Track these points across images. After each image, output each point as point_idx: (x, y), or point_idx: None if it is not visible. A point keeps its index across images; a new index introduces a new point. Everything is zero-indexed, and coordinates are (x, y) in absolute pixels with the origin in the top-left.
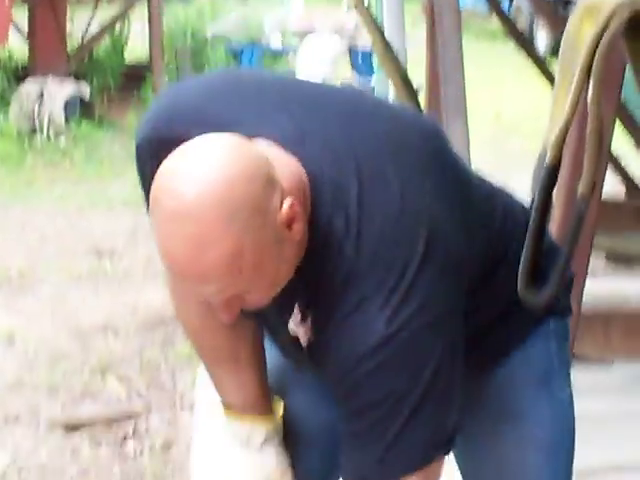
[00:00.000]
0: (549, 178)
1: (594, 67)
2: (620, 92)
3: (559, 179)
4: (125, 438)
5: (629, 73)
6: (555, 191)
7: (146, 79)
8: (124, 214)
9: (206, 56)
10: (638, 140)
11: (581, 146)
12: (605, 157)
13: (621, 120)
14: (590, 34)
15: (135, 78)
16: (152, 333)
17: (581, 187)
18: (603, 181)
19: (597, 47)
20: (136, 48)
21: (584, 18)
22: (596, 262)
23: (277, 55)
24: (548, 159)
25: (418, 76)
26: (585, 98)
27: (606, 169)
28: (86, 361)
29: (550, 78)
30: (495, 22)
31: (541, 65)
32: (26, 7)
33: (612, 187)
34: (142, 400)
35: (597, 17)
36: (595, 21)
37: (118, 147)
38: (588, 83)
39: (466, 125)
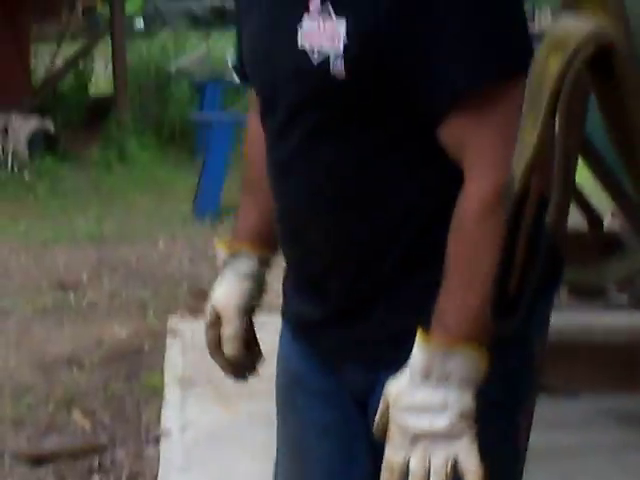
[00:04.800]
0: (516, 207)
1: (560, 103)
2: (584, 125)
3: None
4: (91, 471)
5: (591, 104)
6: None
7: (110, 114)
8: (88, 248)
9: (170, 91)
10: (599, 172)
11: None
12: (571, 189)
13: (582, 152)
14: (556, 70)
15: (99, 113)
16: (117, 366)
17: (548, 218)
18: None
19: (563, 82)
20: (100, 83)
21: (550, 52)
22: (560, 294)
23: (240, 90)
24: (515, 188)
25: None
26: (551, 132)
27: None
28: (51, 394)
29: None
30: None
31: None
32: None
33: (573, 219)
34: (107, 433)
35: (563, 52)
36: (561, 56)
37: (82, 181)
38: (554, 118)
39: None
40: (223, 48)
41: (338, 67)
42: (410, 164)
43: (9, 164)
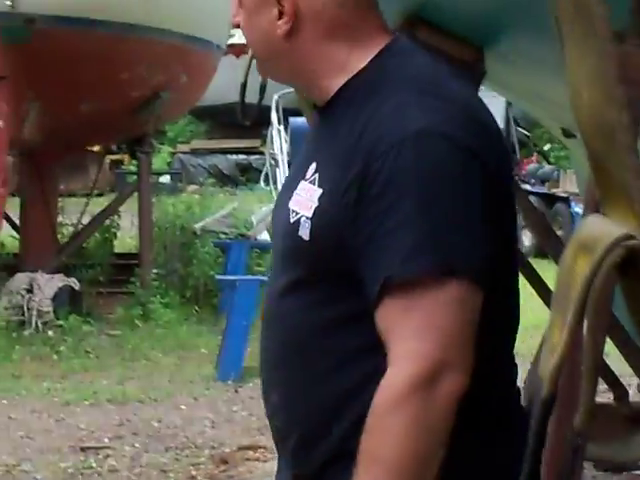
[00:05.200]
0: (545, 411)
1: (588, 305)
2: (610, 320)
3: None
4: None
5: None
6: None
7: (134, 273)
8: (110, 410)
9: (194, 250)
10: (620, 342)
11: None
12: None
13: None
14: (584, 272)
15: (124, 271)
16: None
17: (577, 421)
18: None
19: (591, 285)
20: (125, 240)
21: (578, 254)
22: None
23: (265, 249)
24: (544, 392)
25: None
26: (580, 332)
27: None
28: None
29: (533, 279)
30: None
31: (524, 267)
32: (18, 199)
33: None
34: None
35: (591, 255)
36: (589, 259)
37: (105, 340)
38: (582, 320)
39: None
40: (249, 206)
41: (304, 229)
42: (366, 339)
43: (33, 322)
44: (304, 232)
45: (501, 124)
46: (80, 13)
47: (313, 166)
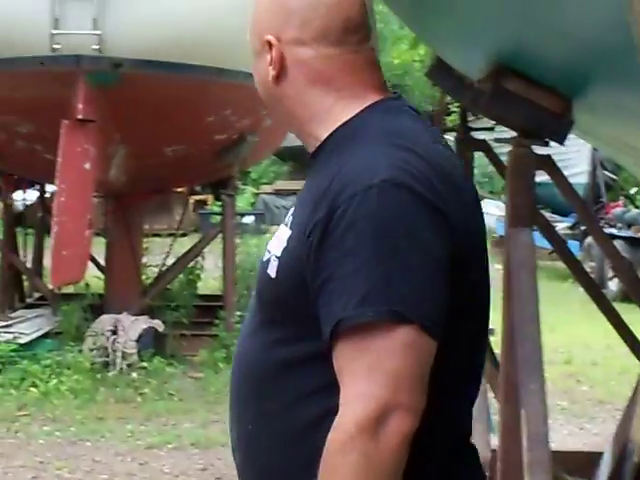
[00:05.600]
0: (638, 475)
1: None
2: None
3: None
4: None
5: None
6: None
7: (218, 315)
8: (193, 454)
9: None
10: None
11: None
12: None
13: None
14: None
15: (207, 313)
16: None
17: None
18: None
19: None
20: (208, 281)
21: None
22: None
23: None
24: (637, 457)
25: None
26: None
27: None
28: None
29: (619, 325)
30: None
31: (610, 313)
32: (102, 239)
33: None
34: None
35: None
36: None
37: (189, 383)
38: None
39: (542, 383)
40: None
41: (272, 268)
42: (322, 378)
43: (118, 364)
44: (272, 270)
45: (587, 167)
46: (167, 57)
47: (291, 210)
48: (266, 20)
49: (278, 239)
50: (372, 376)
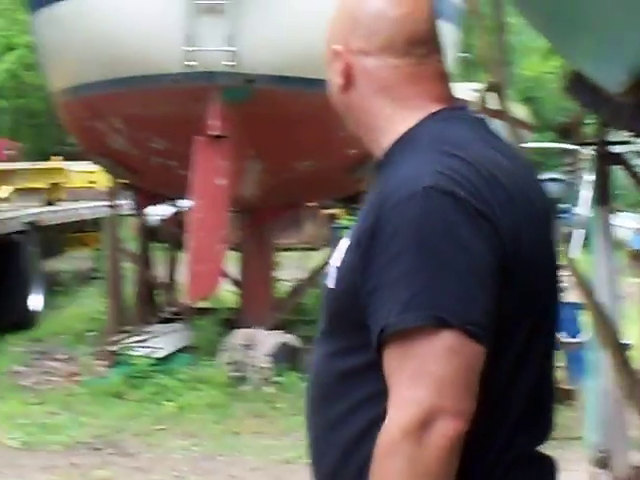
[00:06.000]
0: None
1: None
2: None
3: None
4: None
5: None
6: None
7: None
8: None
9: None
10: None
11: None
12: None
13: None
14: None
15: None
16: None
17: None
18: None
19: None
20: None
21: None
22: None
23: None
24: None
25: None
26: None
27: None
28: None
29: None
30: None
31: None
32: (235, 254)
33: None
34: None
35: None
36: None
37: None
38: None
39: None
40: None
41: (332, 278)
42: (374, 386)
43: (252, 379)
44: (331, 281)
45: None
46: (299, 73)
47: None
48: (336, 30)
49: (339, 251)
50: (416, 381)
